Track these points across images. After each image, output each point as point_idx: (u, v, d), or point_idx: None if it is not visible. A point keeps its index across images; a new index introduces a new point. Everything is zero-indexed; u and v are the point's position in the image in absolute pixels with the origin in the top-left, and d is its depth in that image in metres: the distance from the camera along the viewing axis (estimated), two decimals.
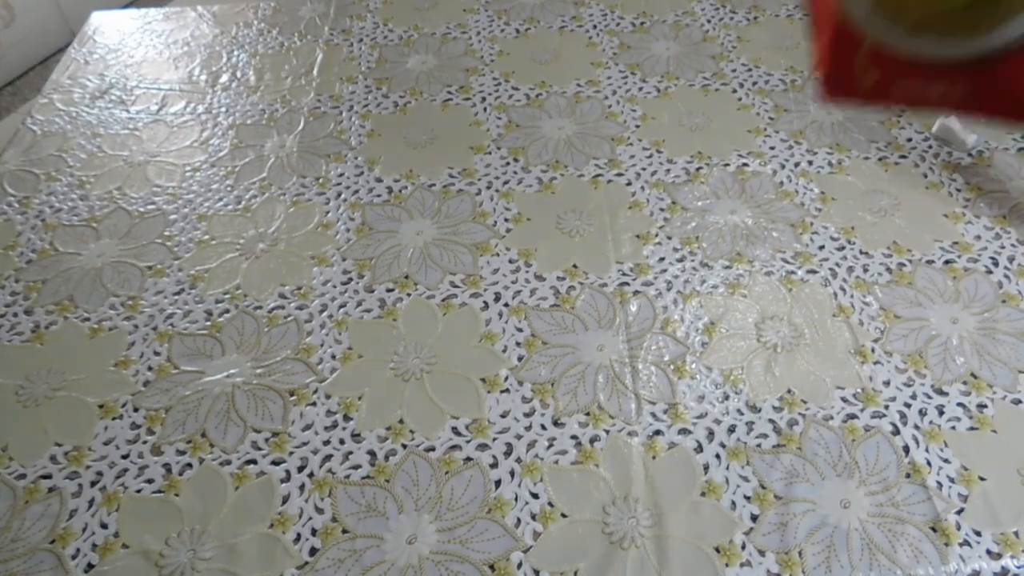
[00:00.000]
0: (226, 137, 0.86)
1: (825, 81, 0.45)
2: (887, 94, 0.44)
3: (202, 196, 0.79)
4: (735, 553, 0.50)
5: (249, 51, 1.00)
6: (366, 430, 0.58)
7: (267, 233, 0.75)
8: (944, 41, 0.39)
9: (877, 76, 0.42)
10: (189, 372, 0.63)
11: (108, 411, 0.60)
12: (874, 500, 0.53)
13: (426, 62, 0.96)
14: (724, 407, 0.59)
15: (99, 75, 0.97)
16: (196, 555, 0.52)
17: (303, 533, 0.52)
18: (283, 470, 0.56)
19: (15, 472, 0.57)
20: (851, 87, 0.44)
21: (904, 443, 0.56)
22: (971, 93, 0.41)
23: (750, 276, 0.68)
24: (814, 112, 0.85)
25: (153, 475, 0.56)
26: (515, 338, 0.64)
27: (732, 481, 0.54)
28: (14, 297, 0.70)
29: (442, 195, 0.78)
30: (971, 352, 0.61)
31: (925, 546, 0.50)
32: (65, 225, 0.77)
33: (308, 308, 0.67)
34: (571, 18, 1.02)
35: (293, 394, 0.61)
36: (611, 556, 0.50)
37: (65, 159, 0.84)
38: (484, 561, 0.51)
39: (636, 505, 0.53)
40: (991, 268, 0.68)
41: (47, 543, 0.53)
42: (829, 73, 0.45)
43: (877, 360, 0.61)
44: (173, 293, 0.69)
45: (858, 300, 0.66)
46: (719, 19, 1.00)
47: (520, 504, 0.53)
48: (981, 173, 0.77)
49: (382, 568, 0.51)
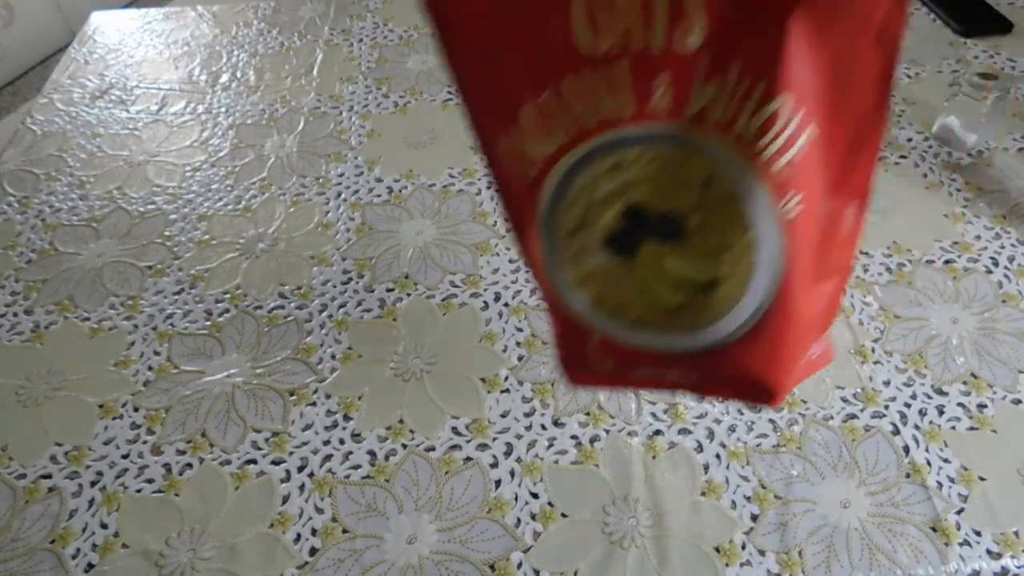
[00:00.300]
0: (226, 137, 0.86)
1: (563, 367, 0.46)
2: (626, 379, 0.44)
3: (202, 196, 0.79)
4: (735, 553, 0.50)
5: (249, 51, 1.00)
6: (366, 430, 0.58)
7: (267, 233, 0.75)
8: (665, 336, 0.40)
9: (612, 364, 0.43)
10: (189, 372, 0.63)
11: (108, 411, 0.60)
12: (874, 500, 0.53)
13: (426, 62, 0.96)
14: (724, 407, 0.59)
15: (99, 75, 0.97)
16: (196, 555, 0.52)
17: (303, 533, 0.52)
18: (283, 470, 0.56)
19: (15, 472, 0.57)
20: (590, 374, 0.45)
21: (904, 443, 0.56)
22: (704, 378, 0.42)
23: None
24: None
25: (153, 475, 0.56)
26: (515, 338, 0.64)
27: (732, 481, 0.54)
28: (14, 297, 0.70)
29: (442, 195, 0.78)
30: (971, 352, 0.61)
31: (925, 546, 0.50)
32: (65, 225, 0.77)
33: (308, 308, 0.67)
34: None
35: (293, 394, 0.61)
36: (611, 556, 0.50)
37: (65, 159, 0.84)
38: (484, 561, 0.51)
39: (636, 505, 0.53)
40: (991, 268, 0.68)
41: (47, 543, 0.53)
42: (565, 360, 0.46)
43: (877, 360, 0.61)
44: (173, 293, 0.69)
45: (858, 300, 0.66)
46: None
47: (520, 504, 0.53)
48: (981, 173, 0.77)
49: (382, 568, 0.51)
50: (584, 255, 0.40)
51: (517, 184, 0.40)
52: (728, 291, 0.38)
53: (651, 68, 0.34)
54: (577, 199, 0.38)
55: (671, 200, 0.37)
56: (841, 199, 0.38)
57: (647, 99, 0.35)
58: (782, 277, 0.37)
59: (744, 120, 0.34)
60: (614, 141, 0.36)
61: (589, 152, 0.37)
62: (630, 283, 0.39)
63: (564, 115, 0.36)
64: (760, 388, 0.42)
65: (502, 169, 0.41)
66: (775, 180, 0.34)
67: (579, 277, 0.41)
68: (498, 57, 0.36)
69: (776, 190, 0.35)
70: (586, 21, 0.34)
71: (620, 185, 0.37)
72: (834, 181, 0.37)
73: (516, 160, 0.38)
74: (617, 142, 0.36)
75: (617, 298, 0.40)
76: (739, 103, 0.33)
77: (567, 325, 0.43)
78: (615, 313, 0.41)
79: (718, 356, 0.40)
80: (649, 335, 0.41)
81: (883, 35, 0.34)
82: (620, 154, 0.37)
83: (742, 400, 0.45)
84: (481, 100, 0.39)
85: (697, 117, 0.34)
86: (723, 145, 0.35)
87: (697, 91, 0.34)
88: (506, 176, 0.41)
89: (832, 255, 0.40)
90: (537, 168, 0.38)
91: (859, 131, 0.36)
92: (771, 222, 0.35)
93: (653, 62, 0.34)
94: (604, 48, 0.34)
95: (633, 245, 0.38)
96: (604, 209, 0.38)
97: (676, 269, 0.38)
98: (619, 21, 0.33)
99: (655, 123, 0.36)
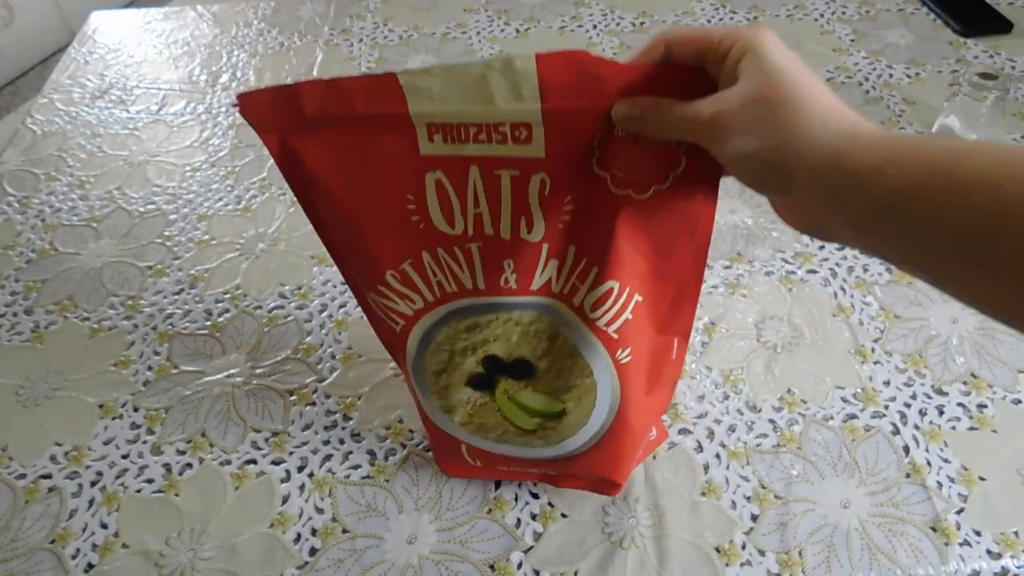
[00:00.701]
0: (226, 137, 0.86)
1: (439, 462, 0.54)
2: (495, 472, 0.52)
3: (202, 196, 0.79)
4: (735, 553, 0.50)
5: (249, 51, 1.00)
6: (366, 430, 0.58)
7: (267, 233, 0.75)
8: (524, 448, 0.47)
9: (482, 462, 0.51)
10: (189, 372, 0.63)
11: (108, 411, 0.60)
12: (874, 500, 0.53)
13: (426, 62, 0.96)
14: (724, 407, 0.59)
15: (99, 75, 0.97)
16: (196, 555, 0.52)
17: (303, 533, 0.52)
18: (283, 470, 0.56)
19: (15, 472, 0.57)
20: (463, 467, 0.52)
21: (904, 443, 0.56)
22: (560, 474, 0.51)
23: (750, 276, 0.68)
24: None
25: (153, 475, 0.56)
26: None
27: (732, 481, 0.54)
28: (14, 297, 0.70)
29: None
30: (971, 352, 0.61)
31: (925, 546, 0.50)
32: (65, 225, 0.77)
33: (308, 308, 0.67)
34: (571, 18, 1.02)
35: (293, 394, 0.61)
36: (611, 556, 0.50)
37: (65, 159, 0.84)
38: (484, 561, 0.51)
39: (636, 505, 0.53)
40: None
41: (47, 543, 0.53)
42: (440, 458, 0.53)
43: (877, 360, 0.61)
44: (173, 293, 0.69)
45: (858, 300, 0.66)
46: (719, 19, 1.00)
47: (520, 504, 0.53)
48: None
49: (382, 568, 0.51)
50: (450, 390, 0.45)
51: (387, 329, 0.45)
52: (575, 419, 0.45)
53: (500, 251, 0.40)
54: (440, 348, 0.44)
55: (523, 350, 0.43)
56: (668, 336, 0.45)
57: (497, 275, 0.40)
58: (619, 405, 0.44)
59: (581, 294, 0.40)
60: (469, 307, 0.42)
61: (447, 314, 0.42)
62: (491, 411, 0.46)
63: (423, 282, 0.41)
64: (606, 481, 0.51)
65: (373, 315, 0.46)
66: (609, 339, 0.41)
67: (446, 406, 0.47)
68: (360, 228, 0.40)
69: (610, 346, 0.41)
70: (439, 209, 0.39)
71: (478, 340, 0.43)
72: (660, 326, 0.43)
73: (384, 311, 0.43)
74: (471, 308, 0.42)
75: (480, 421, 0.46)
76: (577, 280, 0.39)
77: (439, 435, 0.49)
78: (480, 431, 0.47)
79: (570, 461, 0.48)
80: (511, 447, 0.48)
81: (695, 231, 0.40)
82: (475, 317, 0.42)
83: (591, 489, 0.53)
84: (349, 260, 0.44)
85: (542, 288, 0.41)
86: (564, 310, 0.41)
87: (540, 269, 0.40)
88: (378, 321, 0.47)
89: (663, 373, 0.47)
90: (402, 323, 0.43)
91: (680, 291, 0.43)
92: (608, 369, 0.42)
93: (503, 246, 0.39)
94: (459, 230, 0.39)
95: (492, 383, 0.45)
96: (464, 358, 0.44)
97: (530, 403, 0.45)
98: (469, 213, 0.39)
99: (504, 296, 0.41)
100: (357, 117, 0.37)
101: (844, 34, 0.97)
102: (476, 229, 0.39)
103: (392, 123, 0.37)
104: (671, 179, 0.37)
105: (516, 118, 0.35)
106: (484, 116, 0.36)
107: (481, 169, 0.37)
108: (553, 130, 0.36)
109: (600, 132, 0.36)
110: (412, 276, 0.41)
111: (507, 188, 0.38)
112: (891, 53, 0.93)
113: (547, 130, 0.36)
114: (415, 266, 0.41)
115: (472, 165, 0.37)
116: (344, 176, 0.38)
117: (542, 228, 0.38)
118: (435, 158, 0.37)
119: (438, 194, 0.38)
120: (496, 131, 0.36)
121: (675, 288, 0.43)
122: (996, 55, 0.92)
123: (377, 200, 0.39)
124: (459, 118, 0.36)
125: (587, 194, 0.38)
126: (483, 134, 0.36)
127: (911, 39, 0.95)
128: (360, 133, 0.37)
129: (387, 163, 0.38)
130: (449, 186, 0.38)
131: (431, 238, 0.40)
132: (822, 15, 1.00)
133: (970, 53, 0.92)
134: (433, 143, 0.37)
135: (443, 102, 0.35)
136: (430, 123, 0.36)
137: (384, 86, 0.35)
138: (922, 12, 1.00)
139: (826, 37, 0.96)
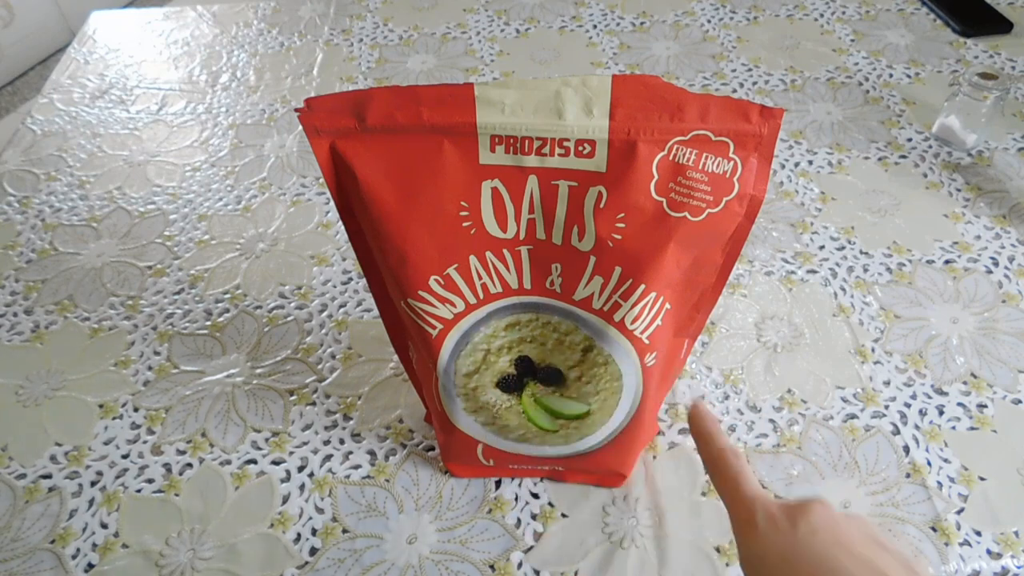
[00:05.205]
0: (226, 137, 0.86)
1: (448, 464, 0.54)
2: (504, 470, 0.54)
3: (202, 196, 0.79)
4: (735, 553, 0.50)
5: (249, 51, 1.00)
6: (366, 430, 0.58)
7: (267, 233, 0.75)
8: (542, 446, 0.48)
9: (494, 461, 0.51)
10: (189, 372, 0.63)
11: (108, 411, 0.60)
12: (874, 500, 0.53)
13: (426, 62, 0.96)
14: (724, 407, 0.59)
15: (99, 75, 0.97)
16: (196, 555, 0.52)
17: (303, 533, 0.52)
18: (283, 470, 0.56)
19: (15, 472, 0.57)
20: (473, 468, 0.53)
21: (904, 443, 0.56)
22: (569, 469, 0.53)
23: (750, 276, 0.68)
24: (814, 112, 0.85)
25: (153, 475, 0.56)
26: None
27: None
28: (14, 297, 0.70)
29: None
30: (971, 352, 0.61)
31: (925, 546, 0.50)
32: (65, 225, 0.77)
33: (308, 308, 0.67)
34: (571, 18, 1.02)
35: (293, 394, 0.61)
36: (611, 556, 0.50)
37: (65, 159, 0.84)
38: (484, 561, 0.51)
39: (636, 505, 0.53)
40: (991, 268, 0.68)
41: (47, 543, 0.53)
42: (449, 460, 0.54)
43: (877, 360, 0.61)
44: (173, 293, 0.69)
45: (858, 300, 0.66)
46: (719, 19, 1.00)
47: (520, 504, 0.53)
48: (981, 173, 0.77)
49: (382, 568, 0.51)
50: (479, 392, 0.46)
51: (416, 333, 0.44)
52: (597, 419, 0.46)
53: (550, 255, 0.40)
54: (476, 348, 0.44)
55: (555, 359, 0.44)
56: (682, 338, 0.47)
57: (544, 277, 0.41)
58: (639, 404, 0.46)
59: (623, 311, 0.41)
60: (511, 305, 0.43)
61: (488, 314, 0.43)
62: (515, 413, 0.46)
63: (467, 285, 0.42)
64: (614, 474, 0.52)
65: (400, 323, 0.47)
66: (641, 345, 0.42)
67: (473, 408, 0.47)
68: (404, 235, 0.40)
69: (641, 351, 0.43)
70: (492, 215, 0.39)
71: (515, 339, 0.44)
72: (679, 328, 0.45)
73: (421, 317, 0.43)
74: (513, 306, 0.43)
75: (503, 422, 0.47)
76: (620, 298, 0.40)
77: (455, 437, 0.49)
78: (501, 432, 0.48)
79: (584, 457, 0.49)
80: (529, 446, 0.49)
81: (731, 248, 0.42)
82: (516, 315, 0.43)
83: (596, 483, 0.53)
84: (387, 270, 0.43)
85: (584, 301, 0.41)
86: (603, 325, 0.42)
87: (585, 280, 0.41)
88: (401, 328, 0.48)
89: (672, 371, 0.50)
90: (440, 327, 0.43)
91: (702, 298, 0.44)
92: (635, 373, 0.44)
93: (553, 250, 0.40)
94: (511, 235, 0.40)
95: (521, 386, 0.46)
96: (499, 356, 0.45)
97: (556, 407, 0.46)
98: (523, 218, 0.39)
99: (548, 298, 0.42)
100: (420, 126, 0.37)
101: (844, 34, 0.97)
102: (528, 233, 0.40)
103: (455, 132, 0.37)
104: (724, 203, 0.39)
105: (583, 134, 0.37)
106: (551, 130, 0.37)
107: (539, 179, 0.38)
108: (617, 148, 0.37)
109: (661, 156, 0.37)
110: (456, 280, 0.41)
111: (564, 196, 0.38)
112: (891, 53, 0.93)
113: (611, 148, 0.37)
114: (460, 270, 0.41)
115: (531, 175, 0.38)
116: (394, 183, 0.38)
117: (593, 238, 0.39)
118: (494, 168, 0.38)
119: (493, 201, 0.39)
120: (560, 145, 0.37)
121: (698, 294, 0.44)
122: (996, 55, 0.92)
123: (427, 207, 0.39)
124: (525, 131, 0.37)
125: (640, 214, 0.38)
126: (547, 147, 0.37)
127: (911, 39, 0.95)
128: (419, 140, 0.37)
129: (443, 171, 0.38)
130: (505, 194, 0.39)
131: (482, 242, 0.40)
132: (822, 15, 1.00)
133: (970, 53, 0.92)
134: (495, 154, 0.38)
135: (512, 114, 0.36)
136: (494, 134, 0.37)
137: (458, 95, 0.36)
138: (922, 12, 1.00)
139: (826, 37, 0.97)
